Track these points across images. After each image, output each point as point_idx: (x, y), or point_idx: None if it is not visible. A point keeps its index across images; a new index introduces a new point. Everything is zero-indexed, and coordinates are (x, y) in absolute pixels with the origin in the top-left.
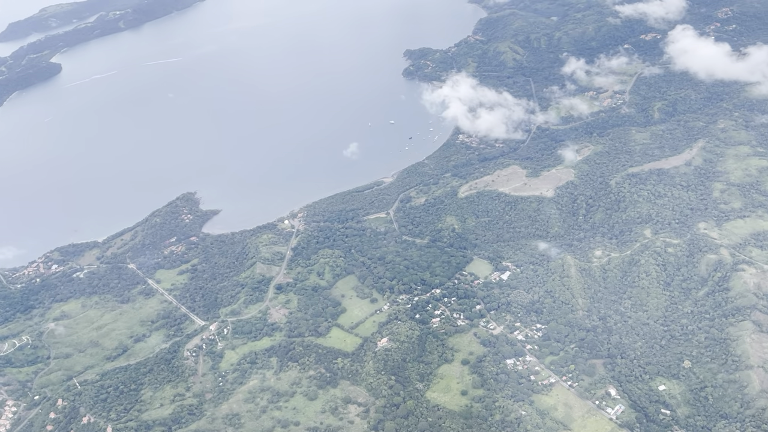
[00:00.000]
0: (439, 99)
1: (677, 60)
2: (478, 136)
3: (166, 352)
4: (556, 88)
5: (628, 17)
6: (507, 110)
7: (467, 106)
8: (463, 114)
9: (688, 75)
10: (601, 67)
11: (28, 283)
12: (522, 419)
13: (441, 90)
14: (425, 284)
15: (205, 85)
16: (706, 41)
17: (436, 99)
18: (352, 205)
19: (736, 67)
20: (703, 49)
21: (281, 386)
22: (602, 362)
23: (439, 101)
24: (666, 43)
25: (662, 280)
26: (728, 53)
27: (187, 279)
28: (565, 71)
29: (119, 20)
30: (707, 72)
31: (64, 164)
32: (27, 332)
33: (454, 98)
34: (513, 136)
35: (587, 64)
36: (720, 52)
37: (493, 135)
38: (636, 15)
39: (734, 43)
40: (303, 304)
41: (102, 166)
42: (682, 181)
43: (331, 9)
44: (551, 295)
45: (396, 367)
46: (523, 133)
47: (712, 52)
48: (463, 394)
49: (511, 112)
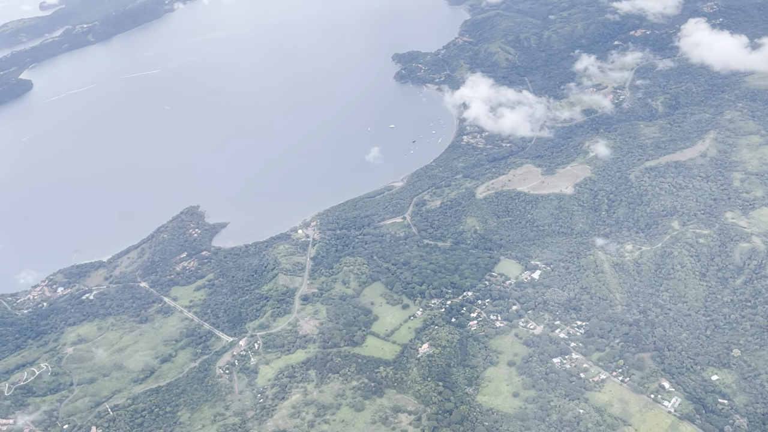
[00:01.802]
0: (459, 100)
1: (676, 54)
2: (483, 137)
3: (197, 371)
4: (554, 87)
5: (616, 14)
6: (529, 108)
7: (488, 106)
8: (485, 114)
9: (687, 68)
10: (599, 65)
11: (34, 308)
12: (581, 417)
13: (460, 91)
14: (456, 287)
15: (191, 96)
16: (720, 34)
17: (457, 100)
18: (365, 211)
19: (751, 58)
20: (719, 42)
21: (325, 399)
22: (650, 355)
23: (459, 102)
24: (666, 38)
25: (697, 271)
26: (744, 45)
27: (206, 295)
28: (564, 69)
29: (88, 33)
30: (723, 64)
31: (53, 184)
32: (44, 359)
33: (474, 99)
34: (540, 134)
35: (586, 62)
36: (736, 44)
37: (519, 133)
38: (624, 12)
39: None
40: (333, 314)
41: (95, 183)
42: (701, 172)
43: (306, 17)
44: (587, 292)
45: (441, 372)
46: (549, 130)
47: (728, 44)
48: (514, 396)
49: (533, 110)
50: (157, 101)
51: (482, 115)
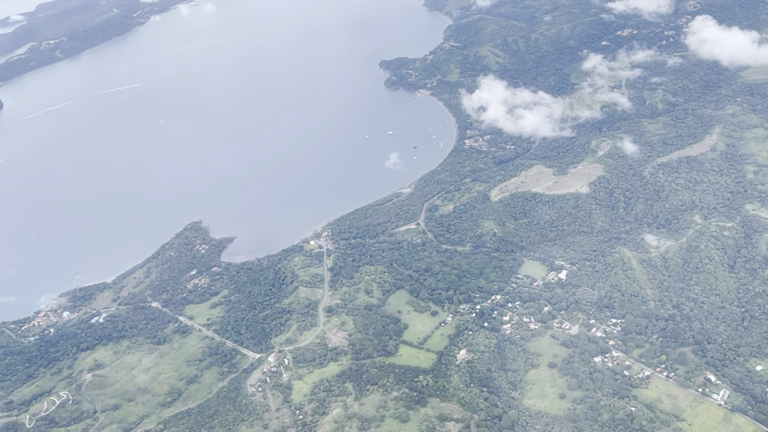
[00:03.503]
0: (477, 103)
1: (671, 52)
2: (485, 140)
3: (227, 390)
4: (549, 88)
5: (607, 14)
6: (547, 108)
7: (506, 107)
8: (503, 116)
9: (682, 65)
10: (594, 65)
11: (41, 334)
12: (633, 415)
13: (476, 94)
14: (483, 291)
15: (177, 110)
16: (730, 31)
17: (475, 103)
18: (376, 219)
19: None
20: (729, 38)
21: (367, 412)
22: (690, 349)
23: (478, 105)
24: (653, 36)
25: (725, 263)
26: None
27: (223, 312)
28: (557, 71)
29: (55, 49)
30: (731, 60)
31: (41, 205)
32: (61, 387)
33: (492, 101)
34: (561, 133)
35: (579, 62)
36: (747, 40)
37: (540, 134)
38: (618, 11)
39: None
40: (360, 325)
41: (87, 202)
42: (713, 166)
43: (283, 27)
44: (618, 289)
45: (483, 378)
46: (571, 130)
47: (739, 40)
48: (561, 398)
49: (551, 110)
50: (143, 115)
51: (501, 116)
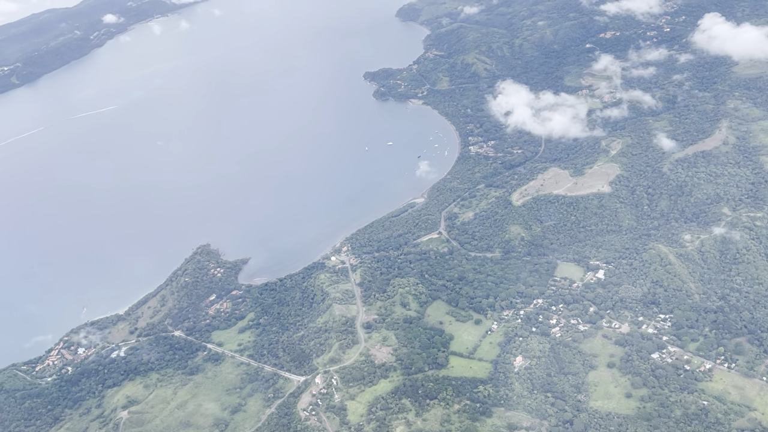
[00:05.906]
0: (504, 107)
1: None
2: (490, 145)
3: (278, 417)
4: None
5: (585, 17)
6: (573, 109)
7: (532, 110)
8: (530, 118)
9: (674, 64)
10: (585, 68)
11: (58, 374)
12: (707, 409)
13: (500, 98)
14: (524, 296)
15: (162, 131)
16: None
17: (501, 107)
18: (396, 230)
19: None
20: (743, 35)
21: (432, 427)
22: (745, 339)
23: (504, 110)
24: (635, 38)
25: (763, 253)
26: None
27: (254, 335)
28: (547, 75)
29: (11, 75)
30: (739, 56)
31: (32, 238)
32: (95, 428)
33: (518, 104)
34: (593, 133)
35: (572, 66)
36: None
37: (571, 134)
38: (595, 14)
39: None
40: (404, 339)
41: (82, 231)
42: (730, 159)
43: (254, 43)
44: (660, 285)
45: (544, 383)
46: (602, 129)
47: (753, 36)
48: (627, 397)
49: (577, 111)
50: (127, 138)
51: (528, 119)
